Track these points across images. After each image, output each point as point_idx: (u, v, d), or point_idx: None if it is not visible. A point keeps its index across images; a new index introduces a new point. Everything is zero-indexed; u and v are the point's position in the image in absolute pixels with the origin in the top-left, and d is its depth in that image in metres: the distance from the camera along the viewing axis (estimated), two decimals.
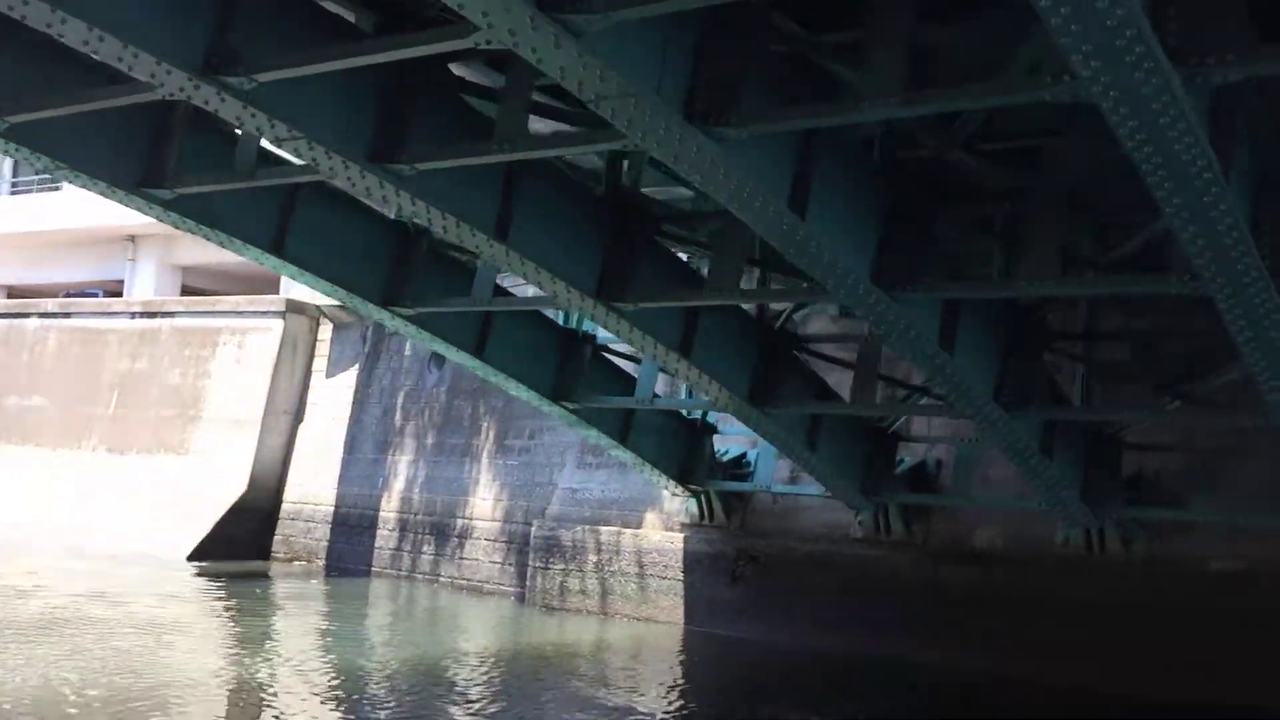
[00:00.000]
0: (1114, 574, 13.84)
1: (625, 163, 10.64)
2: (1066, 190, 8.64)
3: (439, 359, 22.42)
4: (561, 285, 10.08)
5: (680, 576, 16.89)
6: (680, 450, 16.06)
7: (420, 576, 20.97)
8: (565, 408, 13.95)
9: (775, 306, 12.81)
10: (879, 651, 14.91)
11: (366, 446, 23.05)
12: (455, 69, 9.04)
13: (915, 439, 15.15)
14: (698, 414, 16.01)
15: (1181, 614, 13.35)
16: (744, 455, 16.75)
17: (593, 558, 17.74)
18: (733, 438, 16.55)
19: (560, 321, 14.03)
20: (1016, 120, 8.70)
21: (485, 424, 20.98)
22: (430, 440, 21.87)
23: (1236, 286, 7.65)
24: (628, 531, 17.57)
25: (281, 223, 10.94)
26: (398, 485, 22.08)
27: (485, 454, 20.78)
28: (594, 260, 10.44)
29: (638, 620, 17.10)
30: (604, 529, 17.79)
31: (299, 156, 8.20)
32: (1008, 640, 14.23)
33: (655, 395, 13.88)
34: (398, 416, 22.71)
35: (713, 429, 16.18)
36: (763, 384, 12.50)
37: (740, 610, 16.26)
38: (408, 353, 23.10)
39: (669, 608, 16.89)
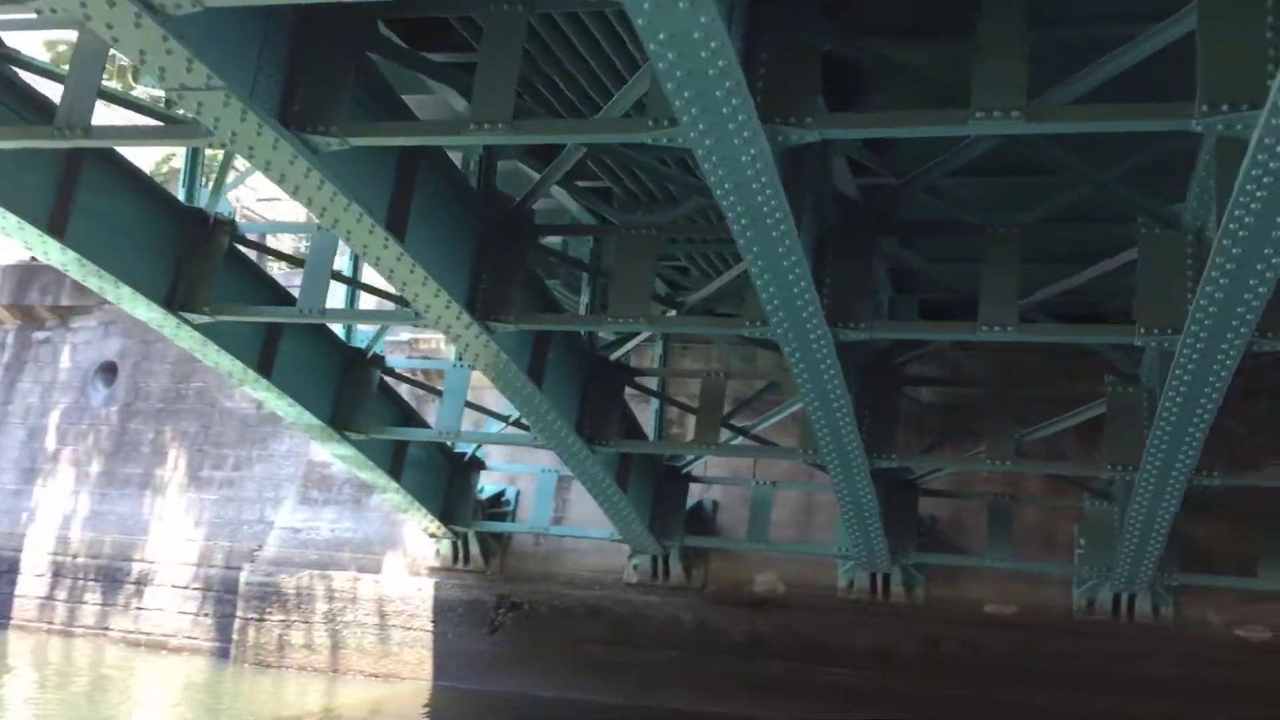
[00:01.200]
0: (897, 618, 13.96)
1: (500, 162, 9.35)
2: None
3: (107, 374, 19.32)
4: (443, 298, 8.59)
5: (429, 627, 15.31)
6: (444, 487, 14.58)
7: (81, 630, 17.75)
8: (348, 439, 12.16)
9: (604, 336, 11.83)
10: (657, 703, 14.19)
11: (5, 475, 19.38)
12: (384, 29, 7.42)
13: (694, 479, 14.60)
14: (467, 448, 14.60)
15: (960, 655, 13.67)
16: (502, 493, 15.53)
17: (322, 606, 15.73)
18: (488, 475, 15.26)
19: (345, 339, 12.24)
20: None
21: (174, 451, 18.21)
22: (96, 469, 18.70)
23: (800, 332, 8.34)
24: (366, 577, 15.74)
25: (62, 200, 8.62)
26: (50, 521, 18.67)
27: (174, 486, 18.01)
28: (466, 271, 9.04)
29: (377, 677, 15.30)
30: (336, 574, 15.84)
31: (201, 114, 6.29)
32: (791, 687, 13.98)
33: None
34: (50, 440, 19.27)
35: (481, 464, 14.82)
36: (591, 418, 11.48)
37: (500, 663, 14.95)
38: (64, 364, 19.71)
39: (415, 662, 15.24)
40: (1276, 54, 5.22)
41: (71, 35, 7.61)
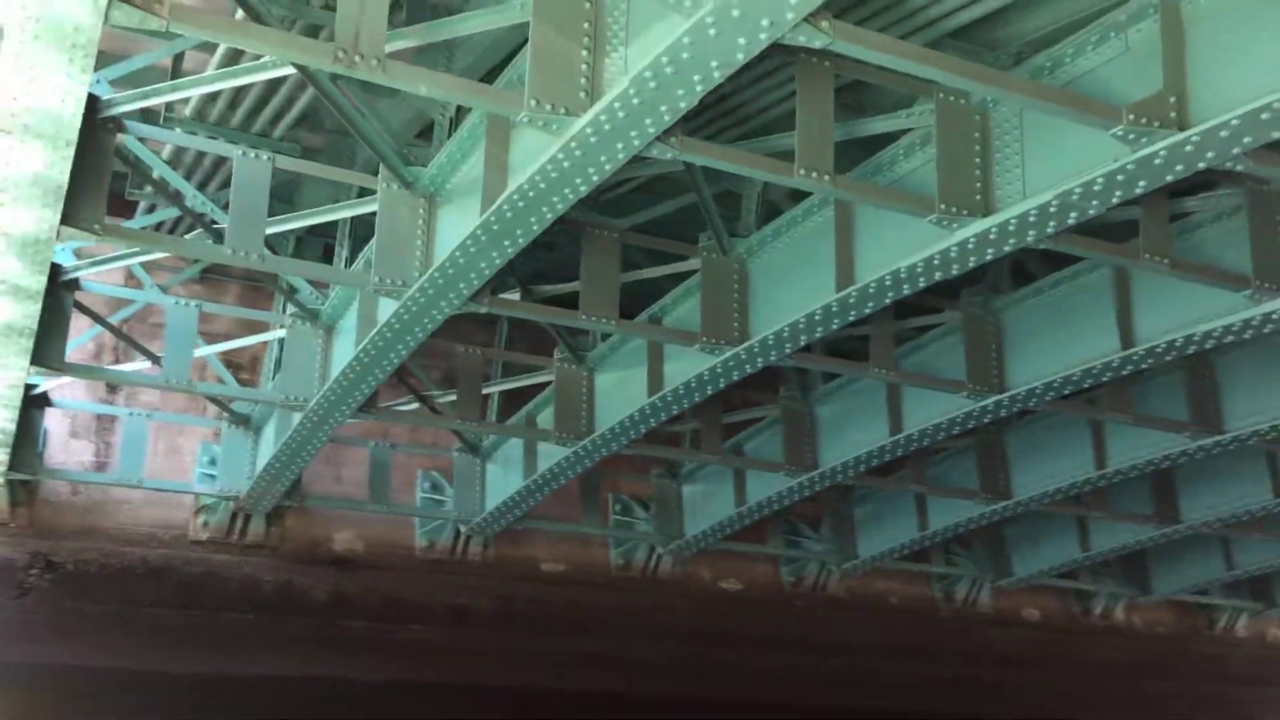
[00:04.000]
0: (473, 576, 14.74)
1: None
2: None
3: None
4: None
5: None
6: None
7: None
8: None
9: None
10: (235, 670, 13.27)
11: None
12: None
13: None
14: (36, 381, 11.82)
15: (527, 610, 15.00)
16: None
17: None
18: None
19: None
20: None
21: None
22: None
23: None
24: None
25: None
26: None
27: None
28: None
29: None
30: None
31: None
32: (374, 646, 14.07)
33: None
34: None
35: (47, 401, 12.08)
36: None
37: (32, 632, 12.48)
38: None
39: None
40: None
41: None
